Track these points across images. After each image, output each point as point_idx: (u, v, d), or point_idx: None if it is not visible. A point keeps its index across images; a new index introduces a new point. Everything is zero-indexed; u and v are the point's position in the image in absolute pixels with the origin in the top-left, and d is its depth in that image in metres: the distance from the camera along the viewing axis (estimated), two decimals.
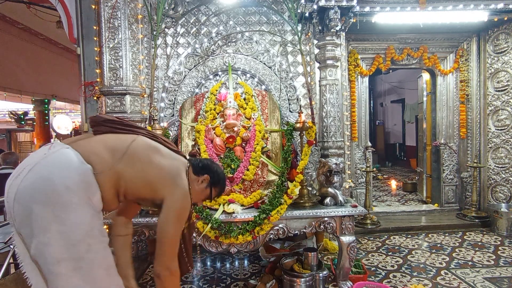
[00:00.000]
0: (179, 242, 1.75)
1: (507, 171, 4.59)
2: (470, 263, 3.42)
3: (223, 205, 2.83)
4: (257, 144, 3.20)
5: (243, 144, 3.28)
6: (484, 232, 4.34)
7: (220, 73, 3.70)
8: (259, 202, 2.88)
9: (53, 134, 9.88)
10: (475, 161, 4.68)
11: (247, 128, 3.31)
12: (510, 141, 4.57)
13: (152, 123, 3.09)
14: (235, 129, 3.28)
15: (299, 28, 3.59)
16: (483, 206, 4.76)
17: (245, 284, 3.06)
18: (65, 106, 11.70)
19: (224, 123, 3.30)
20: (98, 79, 3.15)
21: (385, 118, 13.36)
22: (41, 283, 1.40)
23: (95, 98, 3.28)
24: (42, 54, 8.11)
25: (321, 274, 2.84)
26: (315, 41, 3.73)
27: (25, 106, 10.18)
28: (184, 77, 3.70)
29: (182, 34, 3.73)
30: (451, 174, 4.97)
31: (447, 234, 4.30)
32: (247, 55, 3.73)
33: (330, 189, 2.98)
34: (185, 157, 1.90)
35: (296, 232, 2.85)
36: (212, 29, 3.73)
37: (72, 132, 10.19)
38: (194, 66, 3.71)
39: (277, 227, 2.80)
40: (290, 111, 3.73)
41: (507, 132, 4.58)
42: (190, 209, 1.75)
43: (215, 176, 1.89)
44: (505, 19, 4.26)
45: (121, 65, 3.07)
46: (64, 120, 9.86)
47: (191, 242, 2.02)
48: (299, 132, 3.19)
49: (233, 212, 2.76)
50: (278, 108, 3.50)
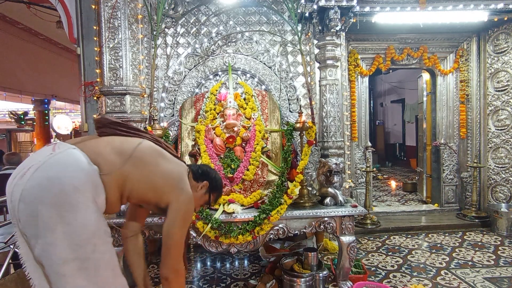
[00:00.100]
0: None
1: (507, 171, 4.59)
2: (470, 263, 3.42)
3: (223, 205, 2.83)
4: (257, 144, 3.20)
5: (243, 144, 3.28)
6: (484, 232, 4.34)
7: (220, 73, 3.70)
8: (259, 202, 2.88)
9: (53, 134, 9.88)
10: (475, 161, 4.68)
11: (247, 128, 3.31)
12: (510, 141, 4.57)
13: (152, 123, 3.10)
14: (235, 129, 3.28)
15: (299, 28, 3.59)
16: (483, 206, 4.76)
17: (245, 284, 3.06)
18: (65, 106, 11.71)
19: (224, 123, 3.30)
20: (98, 79, 3.15)
21: (385, 118, 13.36)
22: (45, 284, 1.40)
23: (95, 98, 3.28)
24: (42, 54, 8.12)
25: (321, 274, 2.84)
26: (315, 41, 3.73)
27: (25, 106, 10.19)
28: (184, 77, 3.70)
29: (182, 34, 3.73)
30: (451, 174, 4.97)
31: (447, 234, 4.30)
32: (247, 55, 3.74)
33: (330, 189, 2.98)
34: (185, 163, 1.92)
35: (296, 232, 2.85)
36: (212, 29, 3.73)
37: (72, 132, 10.17)
38: (194, 66, 3.71)
39: (277, 227, 2.80)
40: (290, 111, 3.73)
41: (507, 132, 4.58)
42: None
43: (213, 182, 1.95)
44: (505, 19, 4.26)
45: (121, 65, 3.07)
46: (64, 120, 9.86)
47: (186, 244, 2.06)
48: (299, 132, 3.19)
49: (233, 212, 2.76)
50: (278, 108, 3.50)
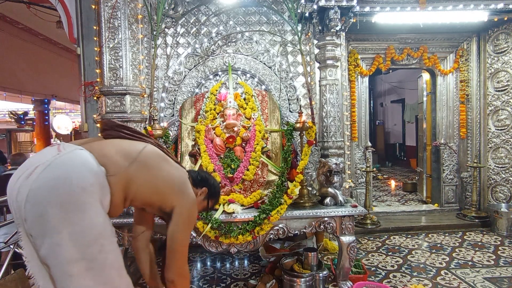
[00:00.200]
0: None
1: (507, 171, 4.59)
2: (470, 263, 3.42)
3: (223, 205, 2.83)
4: (257, 144, 3.20)
5: (243, 144, 3.28)
6: (484, 232, 4.34)
7: (220, 73, 3.70)
8: (259, 202, 2.88)
9: (53, 134, 9.88)
10: (475, 161, 4.68)
11: (247, 128, 3.31)
12: (510, 141, 4.57)
13: (152, 123, 3.10)
14: (235, 129, 3.28)
15: (299, 28, 3.59)
16: (483, 206, 4.76)
17: (245, 284, 3.06)
18: (65, 106, 11.71)
19: (224, 123, 3.30)
20: (98, 79, 3.15)
21: (385, 118, 13.36)
22: (49, 284, 1.39)
23: (95, 98, 3.28)
24: (42, 54, 8.12)
25: (321, 274, 2.85)
26: (315, 41, 3.73)
27: (25, 106, 10.18)
28: (184, 77, 3.70)
29: (182, 34, 3.73)
30: (451, 174, 4.97)
31: (447, 234, 4.30)
32: (247, 55, 3.73)
33: (330, 189, 2.98)
34: (184, 169, 1.94)
35: (296, 232, 2.85)
36: (212, 29, 3.73)
37: (72, 132, 10.17)
38: (194, 66, 3.71)
39: (277, 227, 2.80)
40: (290, 111, 3.73)
41: (507, 132, 4.58)
42: None
43: (212, 189, 1.98)
44: (505, 19, 4.26)
45: (121, 65, 3.07)
46: (64, 120, 9.85)
47: None
48: (299, 132, 3.19)
49: (233, 212, 2.76)
50: (278, 108, 3.50)
